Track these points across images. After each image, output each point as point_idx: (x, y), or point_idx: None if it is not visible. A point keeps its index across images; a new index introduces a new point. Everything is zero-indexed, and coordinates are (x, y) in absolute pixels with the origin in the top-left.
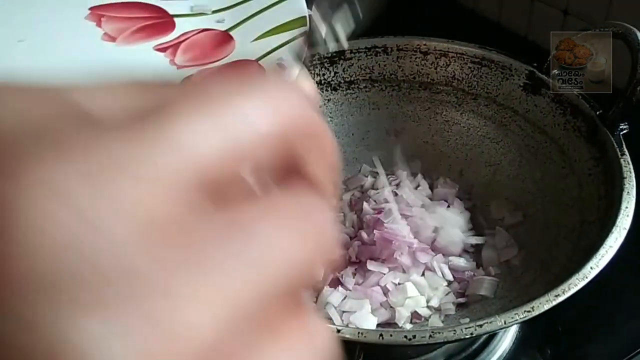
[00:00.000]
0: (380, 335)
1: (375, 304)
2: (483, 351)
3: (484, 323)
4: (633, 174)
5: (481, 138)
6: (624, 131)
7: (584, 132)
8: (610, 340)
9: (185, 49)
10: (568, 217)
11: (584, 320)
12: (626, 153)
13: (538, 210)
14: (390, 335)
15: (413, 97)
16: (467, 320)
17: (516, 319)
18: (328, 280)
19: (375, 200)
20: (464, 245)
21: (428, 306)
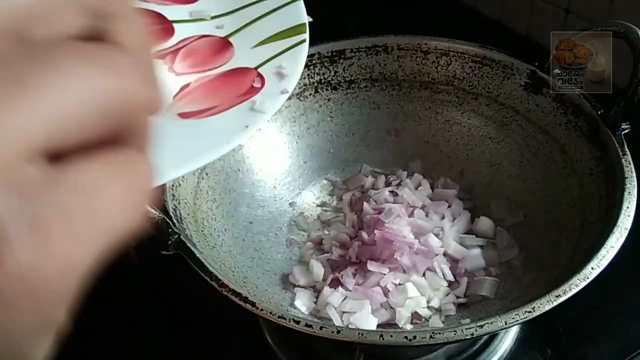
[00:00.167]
0: (381, 335)
1: (375, 304)
2: (484, 352)
3: (485, 324)
4: (634, 174)
5: (482, 138)
6: (626, 131)
7: (586, 132)
8: (610, 340)
9: (184, 55)
10: (569, 217)
11: (585, 320)
12: (627, 153)
13: (539, 211)
14: (391, 336)
15: (413, 97)
16: (468, 320)
17: (517, 320)
18: (328, 281)
19: (376, 200)
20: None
21: (428, 307)
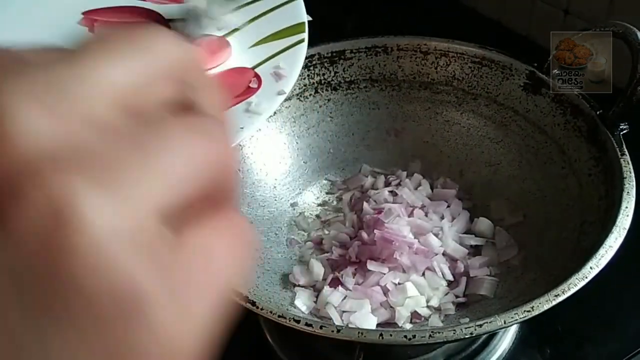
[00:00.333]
0: (380, 335)
1: (375, 303)
2: (483, 351)
3: (484, 323)
4: (633, 174)
5: (481, 138)
6: (624, 131)
7: (584, 132)
8: (610, 340)
9: None
10: (568, 217)
11: (584, 320)
12: (626, 153)
13: (538, 211)
14: (390, 335)
15: (413, 97)
16: (467, 320)
17: (516, 319)
18: (328, 280)
19: (376, 200)
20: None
21: (428, 306)
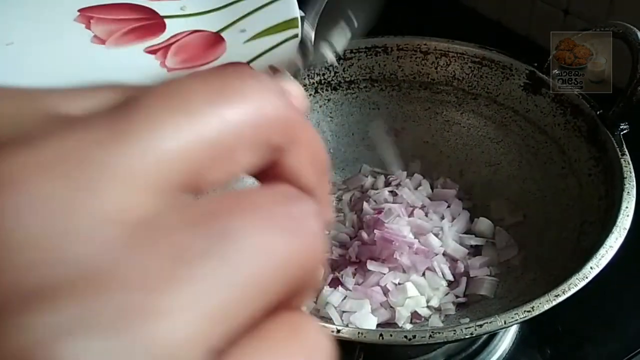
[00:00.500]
0: (380, 335)
1: (375, 304)
2: (483, 351)
3: (484, 323)
4: (633, 174)
5: (481, 138)
6: (624, 131)
7: (584, 132)
8: (610, 340)
9: (176, 51)
10: (568, 217)
11: (584, 320)
12: (626, 153)
13: (538, 211)
14: (390, 335)
15: (413, 97)
16: (467, 320)
17: (516, 319)
18: (328, 280)
19: (375, 200)
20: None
21: (428, 306)
